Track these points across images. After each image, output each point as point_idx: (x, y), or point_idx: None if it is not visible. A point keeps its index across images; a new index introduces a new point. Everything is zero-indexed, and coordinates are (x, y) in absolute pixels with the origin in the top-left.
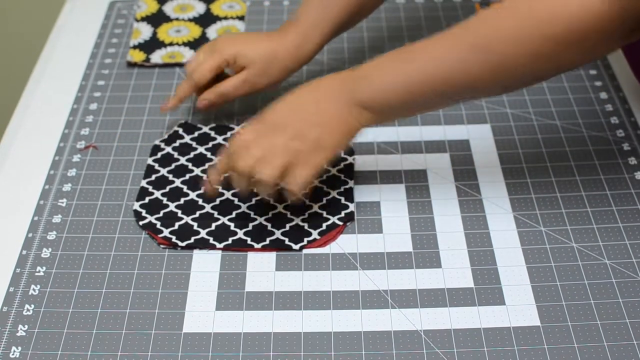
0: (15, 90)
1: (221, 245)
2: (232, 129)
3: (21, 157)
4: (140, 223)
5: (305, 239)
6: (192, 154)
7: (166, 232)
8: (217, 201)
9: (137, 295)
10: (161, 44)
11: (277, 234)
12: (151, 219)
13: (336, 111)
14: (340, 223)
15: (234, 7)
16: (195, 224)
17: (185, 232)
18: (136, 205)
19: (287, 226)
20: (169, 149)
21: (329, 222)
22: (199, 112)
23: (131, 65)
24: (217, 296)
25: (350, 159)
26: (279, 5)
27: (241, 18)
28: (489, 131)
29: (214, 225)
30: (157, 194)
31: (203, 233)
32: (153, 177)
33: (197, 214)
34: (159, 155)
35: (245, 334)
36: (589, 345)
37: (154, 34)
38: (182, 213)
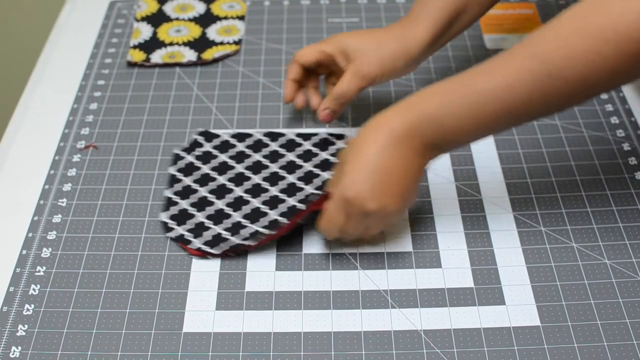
0: (15, 90)
1: (256, 242)
2: (251, 135)
3: (21, 157)
4: (169, 235)
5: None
6: (215, 162)
7: (197, 243)
8: (249, 210)
9: (137, 295)
10: (161, 44)
11: (291, 201)
12: (180, 229)
13: (407, 170)
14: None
15: (234, 7)
16: (228, 234)
17: (217, 242)
18: (163, 217)
19: (300, 194)
20: (190, 158)
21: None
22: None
23: (131, 65)
24: (217, 296)
25: (340, 143)
26: (279, 5)
27: (241, 18)
28: None
29: (247, 233)
30: (184, 203)
31: (236, 241)
32: (177, 186)
33: (227, 223)
34: (182, 164)
35: (245, 334)
36: (589, 345)
37: (154, 33)
38: (210, 223)
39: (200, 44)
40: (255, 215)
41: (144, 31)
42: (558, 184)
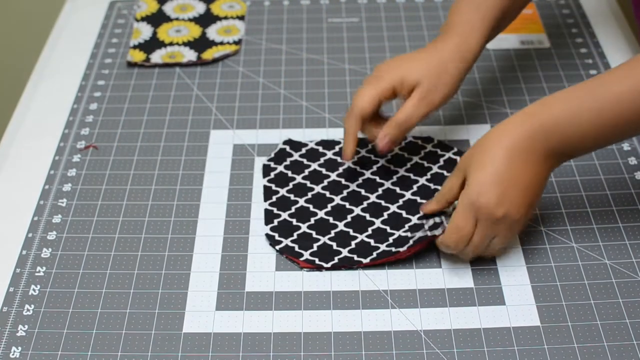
0: (15, 90)
1: (367, 260)
2: (339, 142)
3: (21, 157)
4: (277, 247)
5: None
6: (306, 172)
7: (307, 255)
8: (349, 218)
9: (137, 295)
10: (161, 44)
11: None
12: (287, 242)
13: (534, 177)
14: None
15: (234, 7)
16: (334, 244)
17: (325, 252)
18: (267, 230)
19: (426, 226)
20: (281, 168)
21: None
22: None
23: (131, 65)
24: (217, 296)
25: (448, 154)
26: (279, 5)
27: (241, 18)
28: None
29: (353, 243)
30: (285, 215)
31: (345, 252)
32: (274, 198)
33: (333, 233)
34: (273, 175)
35: (245, 334)
36: (589, 345)
37: (154, 33)
38: (316, 234)
39: (200, 44)
40: (357, 224)
41: (144, 31)
42: (558, 184)
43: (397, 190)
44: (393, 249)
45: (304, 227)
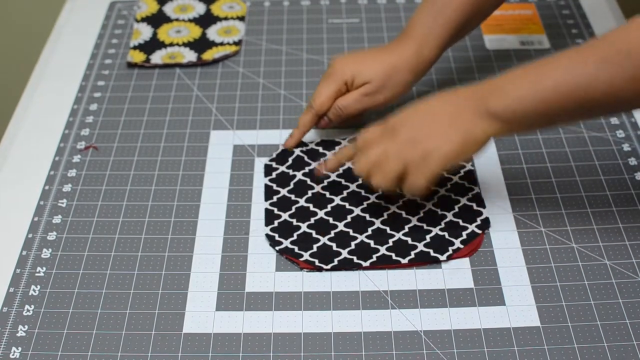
0: (15, 90)
1: (367, 264)
2: (339, 142)
3: (21, 157)
4: (277, 248)
5: (450, 249)
6: (307, 169)
7: (306, 256)
8: (349, 218)
9: (137, 295)
10: (161, 45)
11: (420, 246)
12: (287, 243)
13: (459, 121)
14: (480, 231)
15: (234, 8)
16: (333, 245)
17: (325, 253)
18: (267, 230)
19: (427, 237)
20: (282, 168)
21: (468, 231)
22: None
23: (131, 65)
24: (217, 297)
25: (468, 166)
26: (279, 5)
27: (241, 18)
28: None
29: (353, 244)
30: (285, 216)
31: (345, 253)
32: (275, 198)
33: (332, 234)
34: (274, 175)
35: (245, 334)
36: (589, 346)
37: (154, 34)
38: (316, 234)
39: (200, 44)
40: (357, 225)
41: (144, 32)
42: (558, 185)
43: (397, 190)
44: (393, 256)
45: (304, 227)
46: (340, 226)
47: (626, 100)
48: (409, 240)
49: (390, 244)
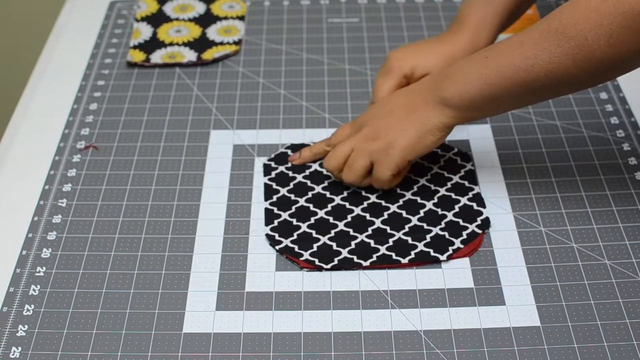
0: (16, 90)
1: (367, 263)
2: None
3: (21, 157)
4: (277, 247)
5: (450, 248)
6: (307, 172)
7: (307, 255)
8: (349, 218)
9: (137, 295)
10: (161, 44)
11: (420, 246)
12: (287, 242)
13: (415, 113)
14: (480, 231)
15: (234, 7)
16: (333, 244)
17: (325, 253)
18: (267, 230)
19: (428, 237)
20: (282, 168)
21: (468, 231)
22: None
23: (131, 65)
24: (217, 297)
25: (468, 166)
26: (279, 5)
27: (241, 18)
28: (489, 131)
29: (353, 243)
30: (285, 215)
31: (345, 252)
32: (275, 198)
33: (333, 233)
34: (274, 174)
35: (245, 334)
36: (589, 346)
37: (154, 34)
38: (316, 233)
39: (200, 44)
40: (357, 225)
41: (144, 31)
42: (558, 184)
43: (398, 190)
44: (393, 256)
45: (304, 227)
46: (341, 226)
47: (567, 79)
48: (409, 239)
49: (391, 243)
